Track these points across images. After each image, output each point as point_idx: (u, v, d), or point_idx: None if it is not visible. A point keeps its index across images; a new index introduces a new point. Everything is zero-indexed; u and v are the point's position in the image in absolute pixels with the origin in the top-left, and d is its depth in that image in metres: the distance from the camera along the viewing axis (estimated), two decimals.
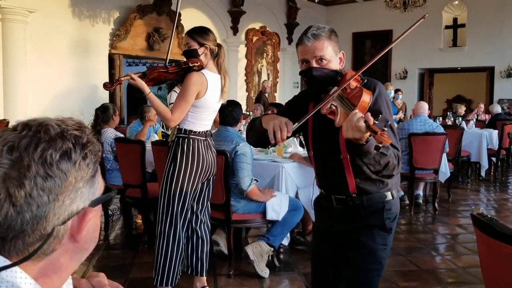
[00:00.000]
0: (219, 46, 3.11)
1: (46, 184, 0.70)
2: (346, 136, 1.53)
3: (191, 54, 2.99)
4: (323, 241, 2.08)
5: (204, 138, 3.08)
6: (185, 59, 3.02)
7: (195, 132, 3.05)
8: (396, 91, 9.65)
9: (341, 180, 1.89)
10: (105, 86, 3.01)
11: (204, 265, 3.26)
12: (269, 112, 7.13)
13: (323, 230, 2.08)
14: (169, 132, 5.03)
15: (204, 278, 3.29)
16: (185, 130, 3.03)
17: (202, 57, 2.99)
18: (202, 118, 3.06)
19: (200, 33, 3.03)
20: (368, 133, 1.45)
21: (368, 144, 1.53)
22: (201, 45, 2.99)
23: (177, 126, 3.05)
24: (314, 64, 1.83)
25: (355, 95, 1.65)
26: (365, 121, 1.45)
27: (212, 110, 3.12)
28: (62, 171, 0.72)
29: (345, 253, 1.97)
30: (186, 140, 3.02)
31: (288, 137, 1.76)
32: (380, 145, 1.44)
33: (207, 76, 2.97)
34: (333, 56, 1.87)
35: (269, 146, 1.91)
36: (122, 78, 2.97)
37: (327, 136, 1.89)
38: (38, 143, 0.71)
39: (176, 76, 3.03)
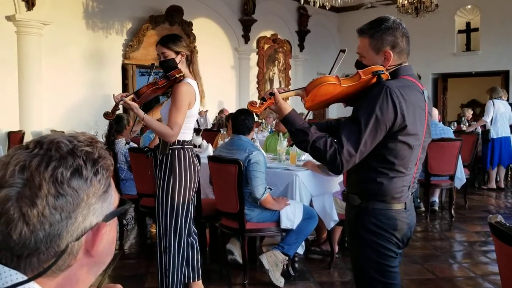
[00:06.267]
0: (191, 51, 3.06)
1: (58, 202, 0.71)
2: None
3: (169, 64, 2.95)
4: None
5: (192, 147, 3.11)
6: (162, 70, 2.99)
7: (187, 141, 3.05)
8: None
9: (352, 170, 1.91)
10: (106, 115, 2.95)
11: (198, 269, 3.26)
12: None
13: None
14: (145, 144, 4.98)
15: (200, 281, 3.29)
16: (179, 141, 2.99)
17: (179, 66, 2.95)
18: (190, 127, 3.07)
19: (174, 41, 2.98)
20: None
21: None
22: (177, 53, 2.96)
23: None
24: None
25: None
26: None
27: (195, 118, 3.14)
28: (73, 189, 0.72)
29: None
30: (182, 151, 3.00)
31: None
32: None
33: (193, 85, 2.97)
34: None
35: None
36: (119, 106, 2.93)
37: None
38: (49, 161, 0.72)
39: (164, 89, 2.98)
